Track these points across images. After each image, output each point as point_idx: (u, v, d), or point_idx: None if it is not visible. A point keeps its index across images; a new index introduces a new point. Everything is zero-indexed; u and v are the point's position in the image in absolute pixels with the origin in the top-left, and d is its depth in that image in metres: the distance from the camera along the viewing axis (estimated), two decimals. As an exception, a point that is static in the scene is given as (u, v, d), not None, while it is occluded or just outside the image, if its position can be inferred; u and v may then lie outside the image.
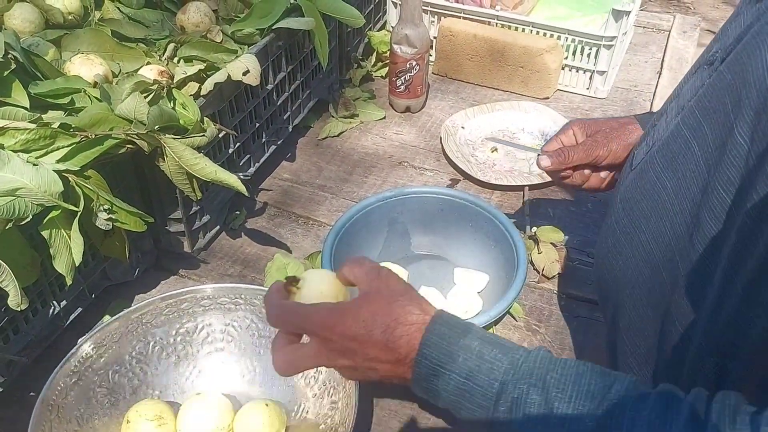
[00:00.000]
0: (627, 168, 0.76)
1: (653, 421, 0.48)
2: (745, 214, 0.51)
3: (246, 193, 0.89)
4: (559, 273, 1.03)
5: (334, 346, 0.56)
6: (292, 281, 0.61)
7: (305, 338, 0.60)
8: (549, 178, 1.04)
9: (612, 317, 0.74)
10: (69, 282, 0.78)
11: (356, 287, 0.61)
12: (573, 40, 1.39)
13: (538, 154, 0.86)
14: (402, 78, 1.33)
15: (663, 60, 1.56)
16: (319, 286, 0.60)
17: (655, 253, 0.65)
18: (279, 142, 1.22)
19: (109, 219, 0.80)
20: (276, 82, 1.14)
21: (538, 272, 1.03)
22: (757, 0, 0.59)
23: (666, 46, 1.62)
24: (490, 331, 0.93)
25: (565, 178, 0.87)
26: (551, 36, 1.40)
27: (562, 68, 1.44)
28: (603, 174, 0.88)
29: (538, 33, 1.42)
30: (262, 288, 0.85)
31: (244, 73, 0.96)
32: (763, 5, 0.57)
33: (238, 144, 1.07)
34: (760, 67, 0.52)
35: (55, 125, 0.79)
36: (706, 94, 0.60)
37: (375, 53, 1.50)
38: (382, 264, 0.94)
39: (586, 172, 0.87)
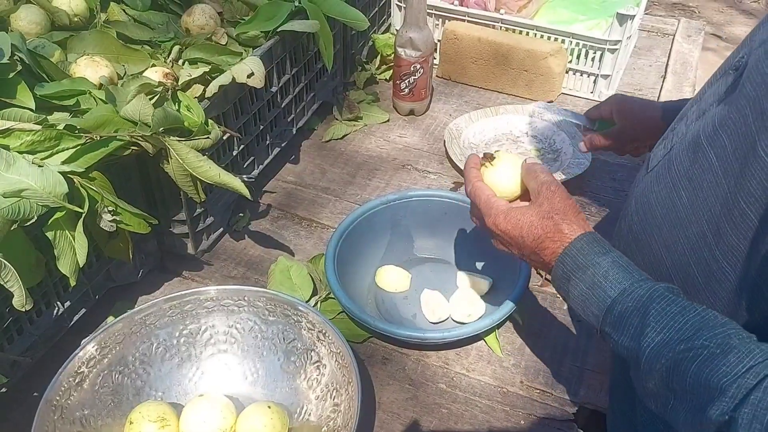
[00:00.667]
0: (643, 169, 0.75)
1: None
2: None
3: (249, 197, 0.89)
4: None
5: (500, 239, 0.75)
6: (489, 158, 0.80)
7: None
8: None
9: None
10: (73, 283, 0.78)
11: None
12: (577, 44, 1.39)
13: (583, 125, 1.13)
14: (406, 81, 1.33)
15: (667, 64, 1.56)
16: (507, 171, 0.78)
17: (665, 261, 0.65)
18: (283, 145, 1.22)
19: (114, 220, 0.80)
20: (280, 85, 1.14)
21: (541, 276, 1.03)
22: None
23: (670, 50, 1.62)
24: (493, 335, 0.94)
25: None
26: (555, 40, 1.40)
27: (566, 72, 1.44)
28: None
29: (542, 36, 1.42)
30: (265, 290, 0.85)
31: (249, 76, 0.97)
32: None
33: (242, 146, 1.07)
34: None
35: (61, 127, 0.79)
36: (727, 103, 0.59)
37: (379, 56, 1.50)
38: (385, 267, 0.95)
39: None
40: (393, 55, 1.34)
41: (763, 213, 0.52)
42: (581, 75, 1.44)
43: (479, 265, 1.01)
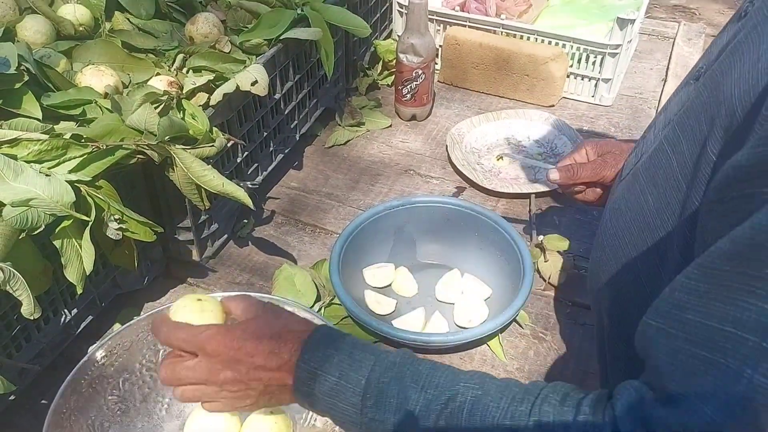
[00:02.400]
0: (618, 178, 0.77)
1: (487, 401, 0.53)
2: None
3: (252, 206, 0.90)
4: (565, 281, 1.03)
5: (220, 359, 0.58)
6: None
7: None
8: (555, 186, 1.04)
9: (598, 324, 0.75)
10: (80, 290, 0.79)
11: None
12: (578, 48, 1.40)
13: (549, 169, 0.89)
14: (408, 86, 1.34)
15: (668, 67, 1.57)
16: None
17: (636, 263, 0.65)
18: (286, 151, 1.23)
19: (120, 229, 0.81)
20: (283, 92, 1.15)
21: (545, 280, 1.04)
22: (740, 17, 0.59)
23: (671, 53, 1.63)
24: (496, 339, 0.94)
25: (578, 193, 0.90)
26: (556, 44, 1.41)
27: (567, 76, 1.44)
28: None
29: (543, 41, 1.42)
30: (270, 296, 0.85)
31: (253, 84, 0.97)
32: (741, 23, 0.57)
33: (246, 153, 1.08)
34: (730, 86, 0.51)
35: (67, 136, 0.80)
36: (687, 110, 0.60)
37: (381, 62, 1.51)
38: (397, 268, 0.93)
39: (598, 189, 0.89)
40: (395, 61, 1.35)
41: (703, 207, 0.53)
42: (582, 79, 1.44)
43: (482, 270, 1.02)
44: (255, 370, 0.58)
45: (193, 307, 0.63)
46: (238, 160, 1.06)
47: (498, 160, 1.29)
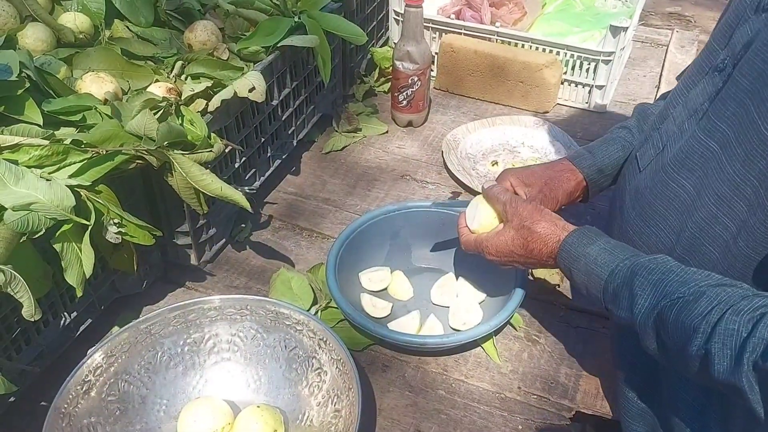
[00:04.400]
0: (633, 170, 0.81)
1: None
2: None
3: (250, 210, 0.91)
4: (558, 284, 1.05)
5: (497, 260, 0.84)
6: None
7: None
8: None
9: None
10: (79, 294, 0.80)
11: None
12: (572, 56, 1.42)
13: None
14: (404, 93, 1.36)
15: (661, 74, 1.59)
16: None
17: (675, 246, 0.71)
18: (284, 157, 1.25)
19: (119, 232, 0.82)
20: (281, 98, 1.17)
21: (538, 283, 1.05)
22: (763, 9, 0.64)
23: (664, 60, 1.65)
24: (490, 341, 0.95)
25: None
26: (550, 51, 1.43)
27: (562, 83, 1.46)
28: None
29: (537, 49, 1.44)
30: (267, 299, 0.87)
31: (250, 90, 0.99)
32: (765, 16, 0.63)
33: (244, 158, 1.09)
34: None
35: (68, 142, 0.81)
36: (722, 98, 0.66)
37: (378, 69, 1.53)
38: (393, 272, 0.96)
39: None
40: (391, 68, 1.36)
41: None
42: (576, 86, 1.46)
43: (476, 274, 1.03)
44: (517, 260, 0.83)
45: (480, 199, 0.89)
46: (236, 165, 1.08)
47: (493, 165, 1.31)
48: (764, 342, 0.54)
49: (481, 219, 0.88)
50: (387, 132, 1.41)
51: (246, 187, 1.08)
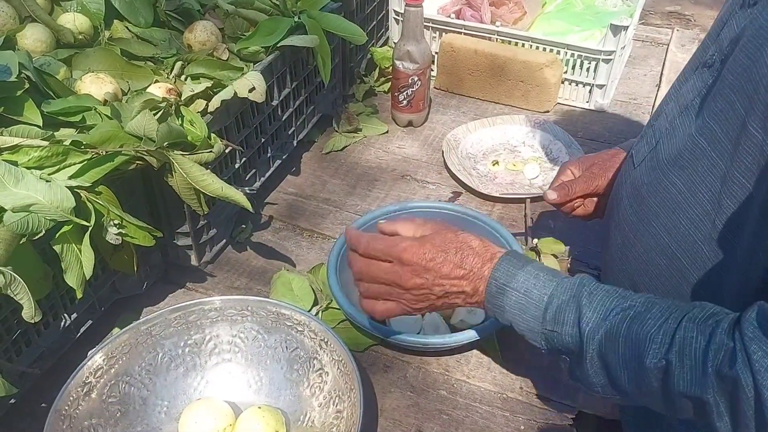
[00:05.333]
0: (628, 167, 0.80)
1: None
2: (765, 191, 0.57)
3: (251, 210, 0.91)
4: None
5: (412, 268, 0.71)
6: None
7: None
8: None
9: None
10: (80, 295, 0.80)
11: None
12: (572, 55, 1.42)
13: (545, 191, 0.94)
14: (404, 93, 1.36)
15: (662, 73, 1.59)
16: None
17: (670, 244, 0.70)
18: (284, 157, 1.24)
19: (119, 233, 0.82)
20: (281, 98, 1.16)
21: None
22: (749, 5, 0.64)
23: (665, 59, 1.64)
24: (492, 341, 0.95)
25: (574, 209, 0.94)
26: (551, 51, 1.43)
27: (562, 82, 1.46)
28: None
29: (537, 48, 1.44)
30: (268, 300, 0.86)
31: (250, 90, 0.99)
32: (755, 10, 0.62)
33: (244, 159, 1.09)
34: (764, 66, 0.57)
35: (67, 142, 0.81)
36: (711, 95, 0.65)
37: (378, 69, 1.52)
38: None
39: (594, 199, 0.94)
40: (391, 68, 1.36)
41: (755, 182, 0.59)
42: (577, 85, 1.46)
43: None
44: (440, 278, 0.71)
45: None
46: (236, 166, 1.07)
47: (493, 165, 1.31)
48: (724, 348, 0.53)
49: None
50: (387, 132, 1.41)
51: (246, 188, 1.07)
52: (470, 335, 0.89)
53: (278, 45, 1.10)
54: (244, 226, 1.15)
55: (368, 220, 1.03)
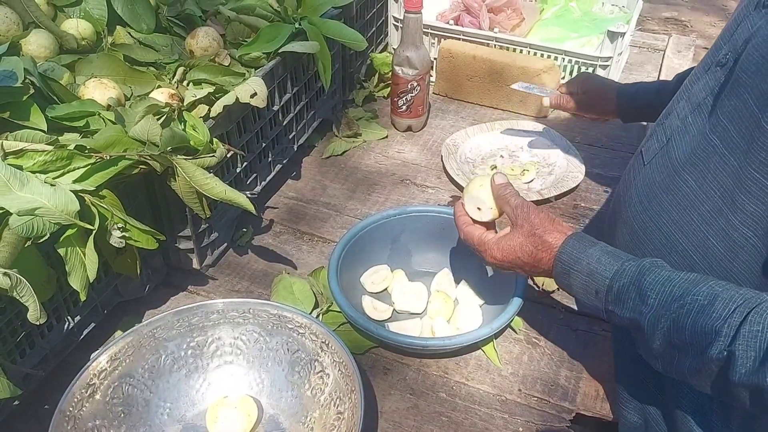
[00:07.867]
0: (638, 164, 0.82)
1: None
2: None
3: (254, 212, 0.92)
4: (558, 287, 1.05)
5: (499, 263, 0.83)
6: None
7: None
8: (548, 195, 1.16)
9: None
10: (83, 298, 0.80)
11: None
12: (569, 61, 1.43)
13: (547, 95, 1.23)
14: (404, 98, 1.37)
15: (658, 79, 1.60)
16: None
17: (681, 240, 0.71)
18: (284, 162, 1.25)
19: (123, 237, 0.83)
20: (282, 104, 1.18)
21: (538, 287, 1.06)
22: (763, 6, 0.66)
23: (661, 65, 1.66)
24: (491, 344, 0.96)
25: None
26: (548, 57, 1.44)
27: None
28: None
29: (535, 54, 1.45)
30: (269, 303, 0.87)
31: (252, 96, 1.00)
32: (766, 11, 0.64)
33: (245, 163, 1.10)
34: None
35: (72, 147, 0.82)
36: (725, 93, 0.67)
37: (377, 74, 1.54)
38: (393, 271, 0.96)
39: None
40: (391, 74, 1.37)
41: None
42: (574, 90, 1.47)
43: (476, 277, 1.04)
44: (521, 266, 0.81)
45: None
46: (238, 170, 1.09)
47: (492, 169, 1.32)
48: None
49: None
50: (387, 137, 1.42)
51: (247, 192, 1.08)
52: (469, 338, 0.90)
53: (279, 51, 1.11)
54: (245, 229, 1.16)
55: (368, 224, 1.04)
